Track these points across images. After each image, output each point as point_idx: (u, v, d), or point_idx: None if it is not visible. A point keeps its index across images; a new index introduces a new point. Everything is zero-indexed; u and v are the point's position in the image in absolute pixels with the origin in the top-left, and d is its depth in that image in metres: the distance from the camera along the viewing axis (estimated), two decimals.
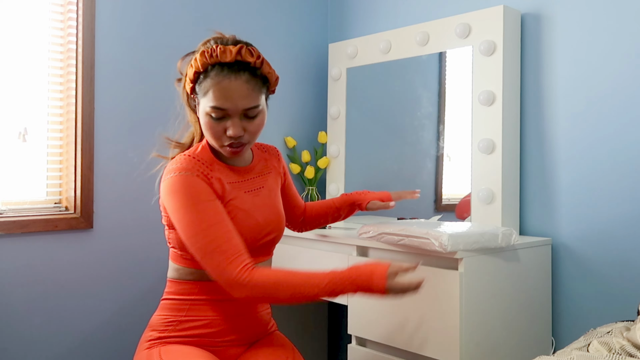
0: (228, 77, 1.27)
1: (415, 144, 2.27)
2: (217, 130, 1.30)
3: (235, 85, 1.27)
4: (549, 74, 1.97)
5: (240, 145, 1.33)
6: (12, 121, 1.92)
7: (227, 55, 1.28)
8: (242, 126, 1.30)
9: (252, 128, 1.32)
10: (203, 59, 1.29)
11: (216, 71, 1.28)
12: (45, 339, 1.93)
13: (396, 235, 1.67)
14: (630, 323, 1.40)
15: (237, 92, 1.27)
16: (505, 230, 1.67)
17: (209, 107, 1.28)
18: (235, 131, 1.29)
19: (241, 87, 1.28)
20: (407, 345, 1.68)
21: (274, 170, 1.52)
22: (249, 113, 1.30)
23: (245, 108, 1.29)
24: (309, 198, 2.52)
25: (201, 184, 1.28)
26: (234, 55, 1.28)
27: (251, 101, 1.29)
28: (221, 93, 1.27)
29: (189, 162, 1.32)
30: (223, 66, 1.28)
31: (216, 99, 1.27)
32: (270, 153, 1.56)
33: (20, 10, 1.92)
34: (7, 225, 1.83)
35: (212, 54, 1.28)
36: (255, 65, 1.31)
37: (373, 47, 2.36)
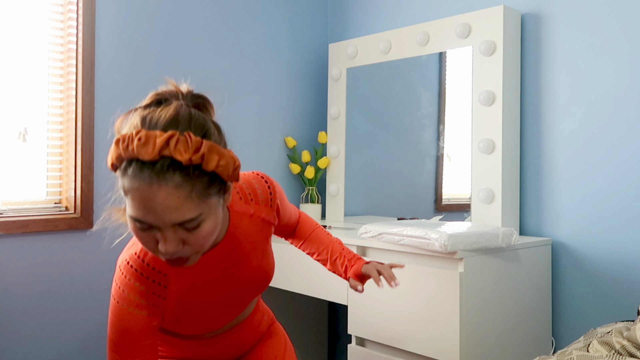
0: (148, 183, 0.89)
1: (415, 144, 2.27)
2: (146, 242, 0.96)
3: (160, 194, 0.89)
4: (549, 74, 1.97)
5: (180, 260, 0.99)
6: (12, 121, 1.92)
7: (147, 151, 0.88)
8: (178, 239, 0.94)
9: (193, 240, 0.95)
10: (118, 150, 0.92)
11: (134, 171, 0.90)
12: (45, 339, 1.93)
13: (396, 235, 1.68)
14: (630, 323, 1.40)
15: (161, 203, 0.89)
16: (505, 231, 1.67)
17: (129, 214, 0.94)
18: (167, 248, 0.94)
19: (168, 196, 0.89)
20: (407, 345, 1.68)
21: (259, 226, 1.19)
22: (185, 226, 0.93)
23: (175, 223, 0.92)
24: (309, 198, 2.52)
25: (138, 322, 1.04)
26: (156, 152, 0.88)
27: (184, 213, 0.91)
28: (140, 203, 0.90)
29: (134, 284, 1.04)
30: (143, 165, 0.89)
31: (135, 208, 0.91)
32: (259, 200, 1.19)
33: (20, 11, 1.92)
34: (7, 225, 1.83)
35: (128, 146, 0.90)
36: (192, 164, 0.90)
37: (373, 47, 2.36)
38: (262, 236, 1.20)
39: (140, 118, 0.94)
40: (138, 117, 0.94)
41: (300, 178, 2.61)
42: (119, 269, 1.07)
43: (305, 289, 2.02)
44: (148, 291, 1.05)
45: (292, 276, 2.05)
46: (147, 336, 1.06)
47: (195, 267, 1.10)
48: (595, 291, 1.86)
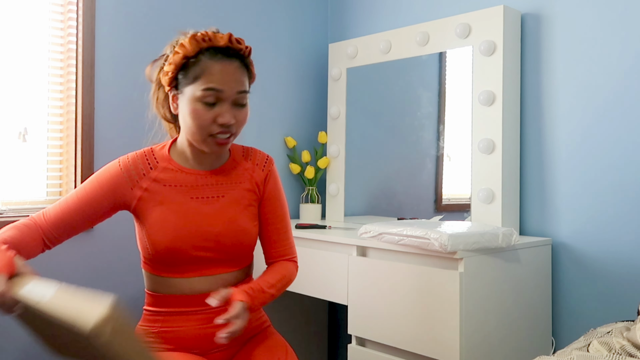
0: (222, 61, 1.25)
1: (415, 144, 2.27)
2: (206, 118, 1.25)
3: (231, 68, 1.26)
4: (549, 74, 1.97)
5: (230, 135, 1.29)
6: (12, 121, 1.92)
7: (220, 40, 1.26)
8: (232, 113, 1.27)
9: (241, 117, 1.29)
10: (194, 42, 1.25)
11: (209, 55, 1.25)
12: None
13: (396, 235, 1.68)
14: (630, 323, 1.40)
15: (232, 74, 1.26)
16: (506, 231, 1.67)
17: (201, 90, 1.24)
18: (228, 117, 1.25)
19: (235, 70, 1.27)
20: (407, 345, 1.68)
21: (249, 180, 1.39)
22: (239, 99, 1.28)
23: (239, 91, 1.27)
24: (309, 198, 2.52)
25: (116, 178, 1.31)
26: (226, 41, 1.26)
27: (244, 84, 1.29)
28: (217, 75, 1.24)
29: (135, 157, 1.34)
30: (216, 50, 1.26)
31: (212, 81, 1.24)
32: (255, 161, 1.43)
33: (20, 10, 1.92)
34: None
35: (205, 38, 1.25)
36: (244, 54, 1.30)
37: (373, 47, 2.36)
38: (247, 193, 1.38)
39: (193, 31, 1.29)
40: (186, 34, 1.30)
41: (300, 178, 2.61)
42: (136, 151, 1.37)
43: (305, 289, 2.02)
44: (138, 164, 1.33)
45: None
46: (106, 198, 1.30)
47: (184, 173, 1.34)
48: (595, 291, 1.86)
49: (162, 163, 1.34)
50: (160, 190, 1.31)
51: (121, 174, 1.31)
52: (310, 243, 2.01)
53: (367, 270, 1.79)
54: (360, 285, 1.81)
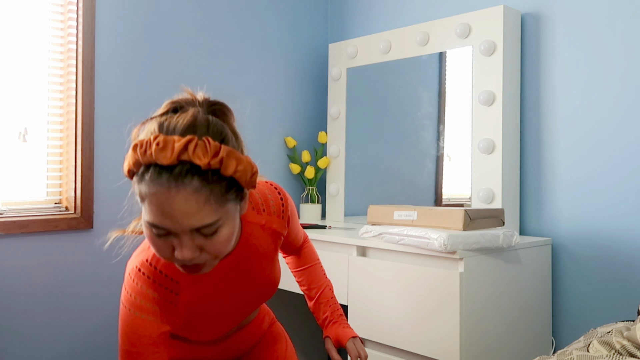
0: (167, 188, 0.88)
1: (415, 144, 2.27)
2: (162, 249, 0.95)
3: (178, 199, 0.88)
4: (549, 74, 1.97)
5: (196, 267, 0.99)
6: (12, 121, 1.92)
7: (166, 155, 0.88)
8: (195, 245, 0.94)
9: (211, 247, 0.95)
10: (135, 155, 0.91)
11: (152, 176, 0.89)
12: (45, 339, 1.93)
13: (396, 235, 1.68)
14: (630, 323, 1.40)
15: (180, 209, 0.89)
16: (506, 232, 1.67)
17: (145, 220, 0.93)
18: (185, 254, 0.93)
19: (186, 201, 0.88)
20: (407, 345, 1.68)
21: (270, 236, 1.19)
22: (202, 231, 0.93)
23: (193, 228, 0.91)
24: (309, 198, 2.52)
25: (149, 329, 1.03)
26: (175, 156, 0.88)
27: (202, 218, 0.91)
28: (158, 208, 0.89)
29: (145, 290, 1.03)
30: (161, 170, 0.88)
31: (152, 214, 0.90)
32: (271, 211, 1.19)
33: (20, 10, 1.92)
34: (7, 226, 1.83)
35: (146, 151, 0.89)
36: (210, 168, 0.90)
37: (373, 47, 2.36)
38: (272, 247, 1.20)
39: (158, 124, 0.93)
40: (155, 124, 0.93)
41: (300, 178, 2.61)
42: (129, 275, 1.05)
43: None
44: (160, 298, 1.04)
45: (292, 276, 2.05)
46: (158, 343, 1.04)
47: (207, 275, 1.09)
48: (595, 291, 1.86)
49: (182, 280, 1.07)
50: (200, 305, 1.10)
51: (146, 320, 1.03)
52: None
53: (367, 270, 1.79)
54: (360, 285, 1.81)
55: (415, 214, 1.71)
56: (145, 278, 1.04)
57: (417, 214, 1.70)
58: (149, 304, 1.03)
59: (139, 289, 1.03)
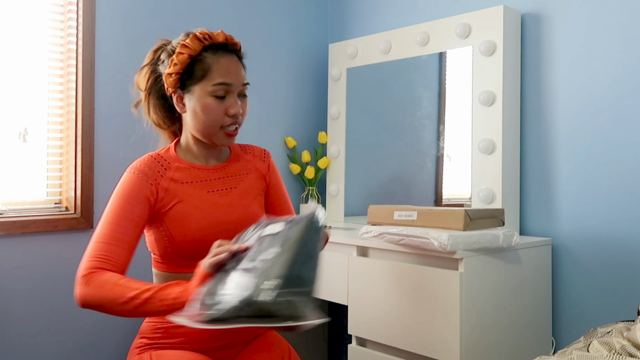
0: (225, 56, 1.33)
1: (415, 144, 2.27)
2: (219, 112, 1.32)
3: (234, 62, 1.34)
4: (549, 74, 1.97)
5: (237, 125, 1.37)
6: (12, 121, 1.92)
7: (218, 37, 1.33)
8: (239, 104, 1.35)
9: (244, 108, 1.37)
10: (197, 41, 1.31)
11: (212, 52, 1.32)
12: (45, 339, 1.93)
13: (396, 235, 1.68)
14: (631, 323, 1.40)
15: (236, 68, 1.34)
16: (506, 232, 1.67)
17: (212, 86, 1.31)
18: (237, 108, 1.33)
19: (237, 64, 1.35)
20: (407, 345, 1.68)
21: (254, 171, 1.48)
22: (243, 90, 1.36)
23: (244, 82, 1.35)
24: (309, 198, 2.52)
25: (140, 186, 1.31)
26: (223, 37, 1.34)
27: (245, 77, 1.37)
28: (225, 69, 1.31)
29: (146, 162, 1.36)
30: (217, 47, 1.33)
31: (221, 75, 1.31)
32: (255, 154, 1.52)
33: (20, 10, 1.92)
34: (7, 226, 1.83)
35: (206, 37, 1.32)
36: (239, 48, 1.38)
37: (373, 47, 2.36)
38: (255, 183, 1.47)
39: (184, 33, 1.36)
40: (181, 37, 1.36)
41: (300, 178, 2.61)
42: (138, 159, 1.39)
43: None
44: (153, 167, 1.35)
45: None
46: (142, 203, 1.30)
47: (196, 170, 1.39)
48: (595, 291, 1.86)
49: (173, 163, 1.38)
50: (179, 188, 1.35)
51: (142, 180, 1.32)
52: None
53: (367, 270, 1.79)
54: (360, 285, 1.81)
55: (416, 214, 1.71)
56: (149, 156, 1.39)
57: (417, 214, 1.70)
58: (145, 166, 1.35)
59: (142, 159, 1.37)
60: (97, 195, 2.02)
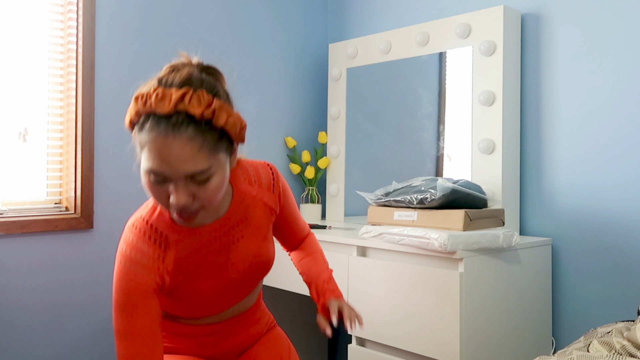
0: (164, 135, 0.97)
1: (415, 144, 2.27)
2: (158, 195, 1.04)
3: (175, 145, 0.97)
4: (549, 74, 1.97)
5: (190, 215, 1.07)
6: (12, 121, 1.92)
7: (164, 105, 0.98)
8: (189, 192, 1.02)
9: (203, 194, 1.03)
10: (136, 106, 1.02)
11: (151, 124, 0.99)
12: (45, 339, 1.93)
13: (396, 235, 1.68)
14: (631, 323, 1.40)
15: (176, 154, 0.98)
16: (506, 232, 1.67)
17: (144, 167, 1.02)
18: (179, 200, 1.01)
19: (182, 147, 0.98)
20: (407, 345, 1.68)
21: (262, 207, 1.25)
22: (196, 178, 1.01)
23: (187, 174, 1.00)
24: (309, 198, 2.52)
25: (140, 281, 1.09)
26: (172, 106, 0.98)
27: (196, 165, 0.99)
28: (156, 154, 0.98)
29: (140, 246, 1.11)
30: (160, 119, 0.98)
31: (150, 160, 0.99)
32: (262, 184, 1.26)
33: (20, 10, 1.92)
34: (7, 226, 1.83)
35: (147, 102, 1.00)
36: (204, 118, 0.99)
37: (373, 47, 2.36)
38: (264, 220, 1.26)
39: (157, 79, 1.04)
40: (155, 79, 1.04)
41: (300, 178, 2.61)
42: (126, 231, 1.14)
43: (306, 289, 2.02)
44: (150, 251, 1.11)
45: (292, 276, 2.05)
46: (150, 295, 1.10)
47: (196, 236, 1.16)
48: (595, 291, 1.86)
49: (171, 235, 1.14)
50: (186, 264, 1.15)
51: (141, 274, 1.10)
52: None
53: (367, 270, 1.79)
54: (360, 285, 1.81)
55: (416, 214, 1.71)
56: (138, 232, 1.12)
57: (417, 214, 1.70)
58: (140, 256, 1.10)
59: (133, 243, 1.11)
60: (97, 195, 2.02)
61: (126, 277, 1.10)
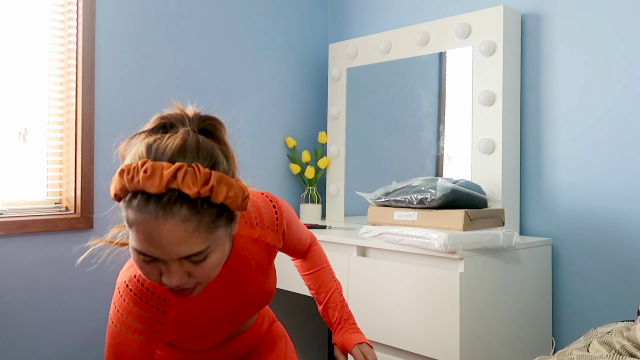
0: (154, 217, 0.84)
1: (415, 144, 2.27)
2: (149, 273, 0.92)
3: (166, 228, 0.85)
4: (549, 74, 1.97)
5: (185, 291, 0.95)
6: (12, 121, 1.92)
7: (153, 184, 0.84)
8: (183, 272, 0.91)
9: (200, 273, 0.92)
10: (122, 181, 0.87)
11: (139, 203, 0.85)
12: (45, 339, 1.93)
13: (396, 235, 1.68)
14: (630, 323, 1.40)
15: (167, 237, 0.85)
16: (506, 232, 1.67)
17: (132, 246, 0.90)
18: (172, 281, 0.90)
19: (175, 230, 0.85)
20: (407, 345, 1.68)
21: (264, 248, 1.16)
22: (192, 259, 0.90)
23: (181, 257, 0.89)
24: (309, 198, 2.52)
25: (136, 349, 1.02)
26: (163, 185, 0.84)
27: (191, 247, 0.87)
28: (145, 237, 0.86)
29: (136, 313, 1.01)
30: (149, 198, 0.85)
31: (139, 242, 0.87)
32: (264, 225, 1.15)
33: (20, 11, 1.92)
34: (7, 226, 1.83)
35: (134, 178, 0.85)
36: (200, 196, 0.86)
37: (373, 47, 2.36)
38: (265, 259, 1.17)
39: (146, 147, 0.88)
40: (143, 146, 0.89)
41: (300, 178, 2.61)
42: (118, 291, 1.03)
43: (306, 289, 2.02)
44: (147, 316, 1.01)
45: (292, 276, 2.05)
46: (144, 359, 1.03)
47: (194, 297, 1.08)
48: (595, 291, 1.86)
49: (170, 299, 1.04)
50: (183, 320, 1.08)
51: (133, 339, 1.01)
52: None
53: (367, 270, 1.79)
54: (360, 285, 1.81)
55: (416, 214, 1.71)
56: (132, 295, 1.01)
57: (417, 214, 1.70)
58: (136, 322, 1.01)
59: (127, 307, 1.01)
60: (97, 195, 2.02)
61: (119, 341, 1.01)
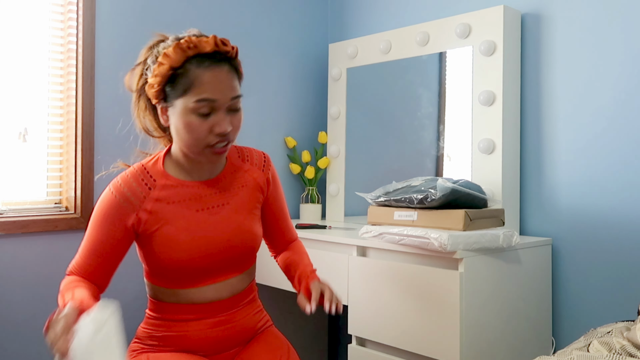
0: (211, 68, 1.19)
1: (415, 144, 2.27)
2: (202, 130, 1.20)
3: (222, 75, 1.20)
4: (549, 74, 1.97)
5: (228, 143, 1.24)
6: (12, 121, 1.92)
7: (206, 46, 1.18)
8: (228, 120, 1.22)
9: (236, 122, 1.24)
10: (179, 51, 1.18)
11: (197, 63, 1.18)
12: (45, 339, 1.93)
13: (396, 235, 1.68)
14: (631, 323, 1.40)
15: (224, 81, 1.20)
16: (506, 232, 1.67)
17: (193, 102, 1.18)
18: (225, 126, 1.20)
19: (226, 77, 1.21)
20: (407, 345, 1.68)
21: (251, 183, 1.38)
22: (234, 105, 1.22)
23: (233, 97, 1.21)
24: (309, 198, 2.52)
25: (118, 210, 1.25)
26: (212, 46, 1.19)
27: (237, 90, 1.23)
28: (208, 84, 1.18)
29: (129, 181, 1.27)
30: (203, 58, 1.19)
31: (204, 91, 1.18)
32: (254, 162, 1.41)
33: (20, 11, 1.92)
34: (7, 226, 1.83)
35: (190, 45, 1.18)
36: (232, 56, 1.23)
37: (373, 47, 2.36)
38: (252, 197, 1.37)
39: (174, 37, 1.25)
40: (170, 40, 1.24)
41: (300, 178, 2.61)
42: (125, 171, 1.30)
43: None
44: (136, 189, 1.26)
45: None
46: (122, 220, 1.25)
47: (184, 187, 1.29)
48: (595, 291, 1.86)
49: (159, 180, 1.28)
50: (165, 209, 1.27)
51: (120, 204, 1.25)
52: (311, 243, 2.01)
53: (367, 270, 1.79)
54: (360, 285, 1.81)
55: (416, 214, 1.71)
56: (133, 171, 1.30)
57: (417, 214, 1.71)
58: (127, 189, 1.26)
59: (126, 178, 1.28)
60: (97, 196, 2.02)
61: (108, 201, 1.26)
